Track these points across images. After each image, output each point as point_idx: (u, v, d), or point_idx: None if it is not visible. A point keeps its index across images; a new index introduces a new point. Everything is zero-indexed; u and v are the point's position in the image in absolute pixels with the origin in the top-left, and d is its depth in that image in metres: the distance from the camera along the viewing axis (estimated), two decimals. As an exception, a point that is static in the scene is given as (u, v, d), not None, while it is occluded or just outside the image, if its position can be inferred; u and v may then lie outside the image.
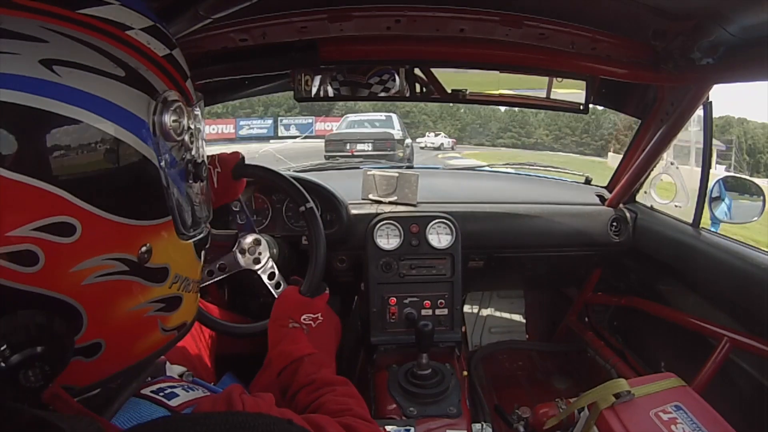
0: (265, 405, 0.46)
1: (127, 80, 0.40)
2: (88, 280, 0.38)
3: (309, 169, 1.84)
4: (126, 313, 0.42)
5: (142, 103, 0.41)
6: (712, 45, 1.00)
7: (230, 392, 0.46)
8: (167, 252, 0.45)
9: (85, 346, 0.40)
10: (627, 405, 0.93)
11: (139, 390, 0.45)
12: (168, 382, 0.48)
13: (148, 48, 0.43)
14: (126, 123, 0.39)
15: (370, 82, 1.23)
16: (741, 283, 1.12)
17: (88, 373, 0.41)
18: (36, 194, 0.34)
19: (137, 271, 0.42)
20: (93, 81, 0.38)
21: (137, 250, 0.41)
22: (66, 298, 0.37)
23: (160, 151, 0.43)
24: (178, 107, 0.44)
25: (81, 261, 0.37)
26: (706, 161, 1.28)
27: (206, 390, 0.52)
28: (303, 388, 0.71)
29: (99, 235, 0.38)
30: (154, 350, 0.48)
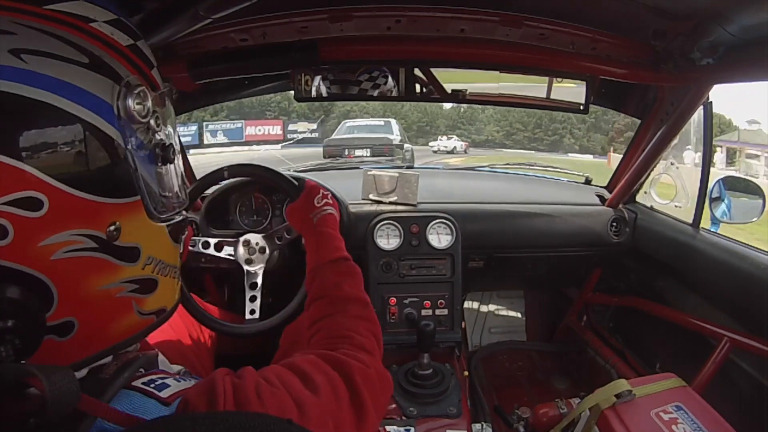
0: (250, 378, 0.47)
1: (90, 66, 0.42)
2: (57, 255, 0.39)
3: (309, 169, 1.84)
4: (97, 291, 0.43)
5: (106, 88, 0.43)
6: (712, 45, 0.99)
7: (214, 377, 0.46)
8: (138, 232, 0.46)
9: (57, 324, 0.41)
10: (628, 405, 0.93)
11: (131, 382, 0.45)
12: (160, 374, 0.48)
13: (111, 38, 0.46)
14: (91, 105, 0.42)
15: (360, 80, 1.23)
16: (741, 283, 1.12)
17: (63, 354, 0.42)
18: (5, 170, 0.36)
19: (106, 249, 0.43)
20: (59, 67, 0.40)
21: (105, 227, 0.43)
22: (35, 272, 0.38)
23: (126, 133, 0.45)
24: (141, 91, 0.46)
25: (49, 235, 0.39)
26: (706, 161, 1.28)
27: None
28: (315, 301, 0.73)
29: (66, 210, 0.40)
30: (131, 333, 0.49)
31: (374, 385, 0.58)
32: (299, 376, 0.51)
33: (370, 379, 0.58)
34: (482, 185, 1.82)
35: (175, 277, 0.55)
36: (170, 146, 0.52)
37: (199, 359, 1.03)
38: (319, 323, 0.70)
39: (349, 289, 0.75)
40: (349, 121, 10.48)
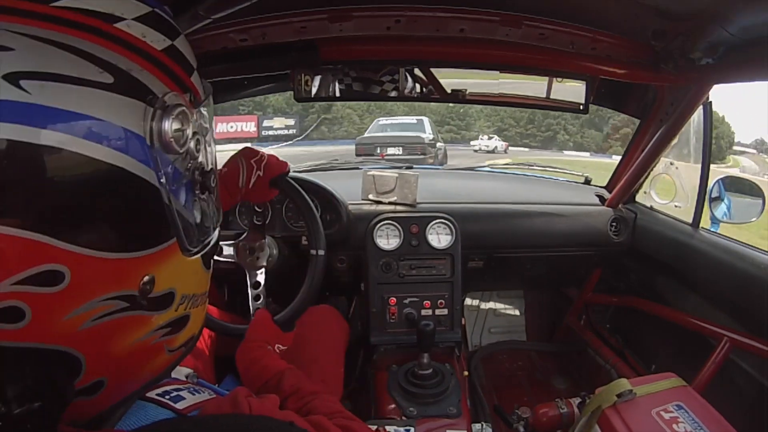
0: (270, 406, 0.46)
1: (116, 88, 0.33)
2: (84, 326, 0.34)
3: (309, 169, 1.84)
4: (129, 347, 0.38)
5: (136, 113, 0.35)
6: (712, 45, 1.00)
7: (236, 395, 0.45)
8: (172, 275, 0.40)
9: (86, 387, 0.36)
10: (629, 404, 0.93)
11: (145, 393, 0.44)
12: (174, 385, 0.47)
13: (143, 42, 0.36)
14: (116, 141, 0.33)
15: (382, 80, 1.22)
16: (741, 283, 1.12)
17: (90, 409, 0.39)
18: (12, 244, 0.29)
19: (139, 305, 0.37)
20: (72, 95, 0.31)
21: (138, 283, 0.36)
22: (61, 347, 0.33)
23: (160, 165, 0.36)
24: (180, 112, 0.38)
25: (74, 308, 0.33)
26: (706, 161, 1.28)
27: (212, 392, 0.52)
28: (290, 397, 0.72)
29: (91, 277, 0.33)
30: (159, 372, 0.44)
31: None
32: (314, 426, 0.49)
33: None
34: (482, 185, 1.82)
35: (203, 304, 0.49)
36: (211, 171, 0.44)
37: (200, 361, 1.03)
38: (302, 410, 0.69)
39: (310, 383, 0.75)
40: (382, 119, 10.07)
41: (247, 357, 0.85)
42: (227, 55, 1.11)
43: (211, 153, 0.45)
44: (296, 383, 0.73)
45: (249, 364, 0.83)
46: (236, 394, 0.45)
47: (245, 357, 0.85)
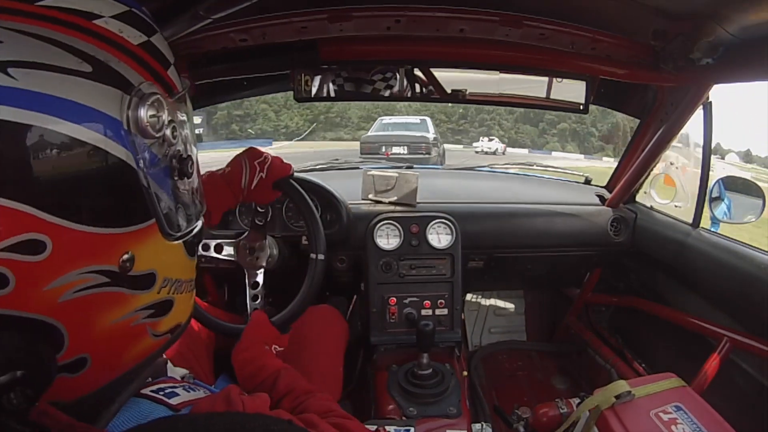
0: (263, 405, 0.46)
1: (94, 76, 0.36)
2: (65, 297, 0.35)
3: (309, 169, 1.84)
4: (110, 325, 0.40)
5: (113, 100, 0.38)
6: (711, 45, 0.99)
7: (229, 392, 0.46)
8: (153, 257, 0.42)
9: (68, 362, 0.38)
10: (627, 405, 0.93)
11: (140, 390, 0.44)
12: (169, 383, 0.48)
13: (120, 37, 0.40)
14: (95, 124, 0.36)
15: (374, 79, 1.23)
16: (741, 283, 1.12)
17: (75, 388, 0.40)
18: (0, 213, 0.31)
19: (120, 281, 0.39)
20: (55, 81, 0.34)
21: (118, 259, 0.38)
22: (43, 317, 0.35)
23: (138, 149, 0.39)
24: (155, 100, 0.40)
25: (55, 278, 0.34)
26: (706, 161, 1.28)
27: (207, 391, 0.52)
28: (285, 397, 0.72)
29: (72, 248, 0.35)
30: (145, 356, 0.46)
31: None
32: (308, 425, 0.50)
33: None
34: (482, 185, 1.82)
35: (190, 291, 0.51)
36: (188, 158, 0.46)
37: (197, 360, 1.03)
38: (296, 410, 0.69)
39: (305, 383, 0.76)
40: (385, 118, 9.85)
41: (242, 356, 0.85)
42: (227, 55, 1.11)
43: (189, 143, 0.48)
44: (291, 383, 0.74)
45: (244, 364, 0.84)
46: (229, 391, 0.46)
47: (241, 356, 0.86)
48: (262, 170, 0.99)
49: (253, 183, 0.98)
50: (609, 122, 20.21)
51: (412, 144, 7.88)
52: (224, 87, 1.39)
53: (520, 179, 1.97)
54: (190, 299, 0.52)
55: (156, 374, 0.50)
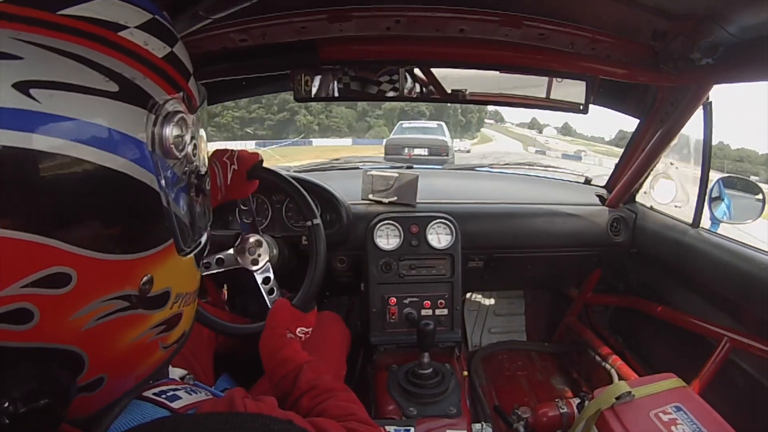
0: (267, 408, 0.46)
1: (121, 96, 0.34)
2: (88, 325, 0.35)
3: (309, 169, 1.84)
4: (128, 345, 0.40)
5: (138, 120, 0.36)
6: (711, 45, 0.99)
7: (232, 396, 0.45)
8: (169, 275, 0.42)
9: (87, 383, 0.37)
10: (627, 406, 0.93)
11: (141, 392, 0.44)
12: (170, 385, 0.48)
13: (145, 50, 0.37)
14: (120, 149, 0.34)
15: (380, 80, 1.23)
16: (741, 283, 1.12)
17: (90, 405, 0.40)
18: (23, 248, 0.30)
19: (139, 304, 0.39)
20: (80, 103, 0.32)
21: (138, 283, 0.38)
22: (66, 347, 0.34)
23: (160, 170, 0.38)
24: (180, 119, 0.39)
25: (80, 308, 0.34)
26: (706, 161, 1.27)
27: (208, 393, 0.52)
28: (305, 394, 0.71)
29: (96, 278, 0.34)
30: (155, 368, 0.46)
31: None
32: (318, 429, 0.49)
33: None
34: (482, 185, 1.82)
35: (194, 301, 0.51)
36: (206, 175, 0.46)
37: (197, 361, 1.03)
38: (315, 410, 0.68)
39: (330, 380, 0.73)
40: (405, 123, 11.02)
41: (269, 346, 0.84)
42: (227, 55, 1.12)
43: (204, 156, 0.46)
44: (313, 380, 0.72)
45: (270, 355, 0.82)
46: (233, 395, 0.46)
47: (267, 345, 0.84)
48: (232, 163, 0.99)
49: (228, 178, 0.99)
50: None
51: (433, 147, 8.62)
52: (224, 87, 1.39)
53: (520, 179, 1.97)
54: (194, 308, 0.52)
55: (157, 376, 0.50)
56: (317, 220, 1.06)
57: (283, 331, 0.87)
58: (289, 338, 0.86)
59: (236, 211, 1.42)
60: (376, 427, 0.62)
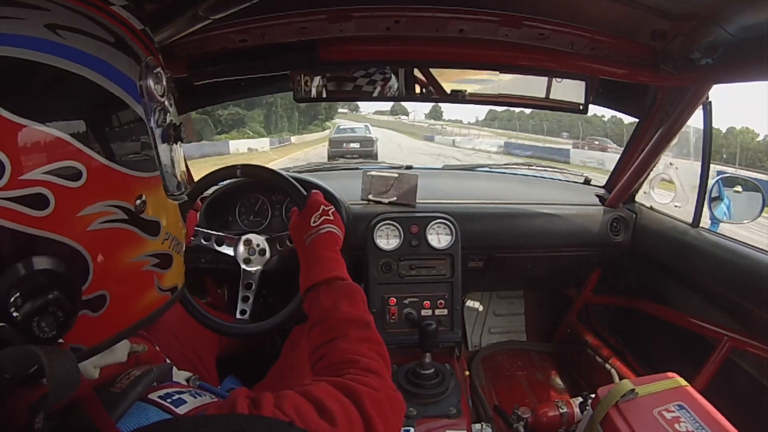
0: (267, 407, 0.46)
1: (117, 45, 0.44)
2: (93, 226, 0.40)
3: (309, 170, 1.84)
4: (127, 264, 0.45)
5: (131, 67, 0.45)
6: (711, 45, 1.00)
7: (235, 397, 0.45)
8: (158, 207, 0.48)
9: (91, 298, 0.42)
10: (631, 404, 0.93)
11: (146, 395, 0.44)
12: (175, 387, 0.47)
13: (128, 21, 0.47)
14: (121, 82, 0.43)
15: (355, 76, 1.22)
16: (741, 283, 1.12)
17: (94, 330, 0.43)
18: (48, 140, 0.37)
19: (134, 221, 0.45)
20: (92, 44, 0.41)
21: (134, 199, 0.44)
22: (74, 243, 0.39)
23: (148, 112, 0.47)
24: (158, 72, 0.48)
25: (87, 205, 0.40)
26: (706, 161, 1.28)
27: (213, 395, 0.51)
28: (315, 326, 0.70)
29: (102, 181, 0.41)
30: (152, 310, 0.50)
31: (385, 409, 0.56)
32: (315, 404, 0.49)
33: (380, 404, 0.55)
34: (481, 185, 1.82)
35: (182, 256, 0.56)
36: (180, 126, 0.53)
37: (202, 362, 1.03)
38: (321, 349, 0.67)
39: (347, 310, 0.71)
40: (341, 124, 15.61)
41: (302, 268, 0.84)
42: (227, 55, 1.11)
43: (175, 114, 0.55)
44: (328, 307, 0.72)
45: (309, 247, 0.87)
46: (235, 396, 0.46)
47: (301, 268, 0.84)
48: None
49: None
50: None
51: (362, 141, 12.98)
52: (224, 87, 1.39)
53: (519, 179, 1.97)
54: (182, 264, 0.57)
55: (162, 378, 0.49)
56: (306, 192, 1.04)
57: (301, 240, 0.89)
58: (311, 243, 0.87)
59: (236, 212, 1.43)
60: (380, 374, 0.61)
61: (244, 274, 1.11)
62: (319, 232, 0.89)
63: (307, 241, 0.87)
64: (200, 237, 1.11)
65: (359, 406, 0.53)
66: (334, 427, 0.48)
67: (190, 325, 1.03)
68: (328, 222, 0.91)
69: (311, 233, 0.88)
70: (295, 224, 0.94)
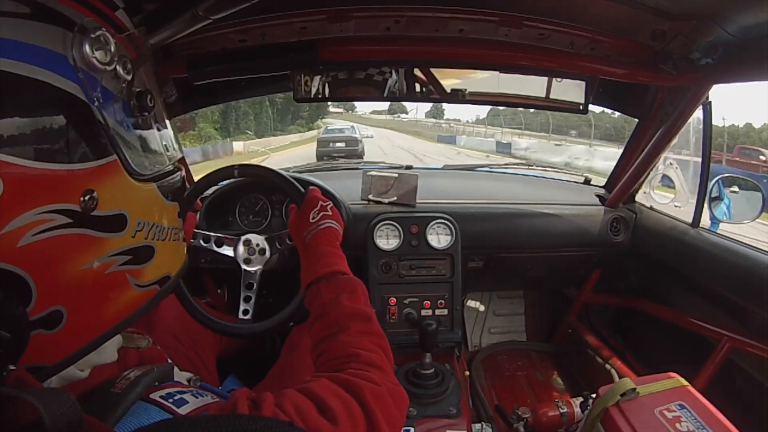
0: (268, 407, 0.46)
1: (32, 16, 0.37)
2: (23, 241, 0.34)
3: (309, 170, 1.84)
4: (81, 272, 0.38)
5: (55, 37, 0.38)
6: (711, 45, 1.00)
7: (237, 398, 0.45)
8: (120, 197, 0.41)
9: (42, 316, 0.36)
10: (632, 403, 0.93)
11: (148, 395, 0.43)
12: (177, 387, 0.47)
13: None
14: (38, 59, 0.36)
15: (370, 73, 1.22)
16: (741, 283, 1.12)
17: (56, 347, 0.38)
18: None
19: (84, 222, 0.38)
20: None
21: (77, 197, 0.37)
22: (4, 265, 0.33)
23: (88, 84, 0.39)
24: (101, 35, 0.41)
25: (10, 219, 0.33)
26: (706, 161, 1.28)
27: (215, 395, 0.51)
28: (316, 321, 0.69)
29: (26, 187, 0.34)
30: (131, 311, 0.44)
31: (387, 403, 0.55)
32: (315, 402, 0.49)
33: (382, 398, 0.54)
34: (482, 185, 1.82)
35: (177, 239, 0.50)
36: (146, 93, 0.46)
37: (203, 363, 1.03)
38: (323, 343, 0.66)
39: (348, 303, 0.69)
40: (329, 124, 16.55)
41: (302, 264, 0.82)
42: (227, 55, 1.11)
43: (147, 83, 0.48)
44: (328, 302, 0.70)
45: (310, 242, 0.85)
46: (237, 397, 0.45)
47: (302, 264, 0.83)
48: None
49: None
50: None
51: (348, 141, 13.69)
52: (224, 87, 1.39)
53: (519, 179, 1.97)
54: (178, 248, 0.51)
55: (163, 378, 0.49)
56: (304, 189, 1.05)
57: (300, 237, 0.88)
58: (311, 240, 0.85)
59: (236, 213, 1.43)
60: (381, 367, 0.60)
61: (245, 274, 1.10)
62: (318, 227, 0.88)
63: (307, 237, 0.87)
64: (200, 239, 1.11)
65: (361, 402, 0.52)
66: (336, 426, 0.47)
67: (192, 325, 1.03)
68: (327, 217, 0.90)
69: (311, 229, 0.88)
70: (294, 221, 0.93)
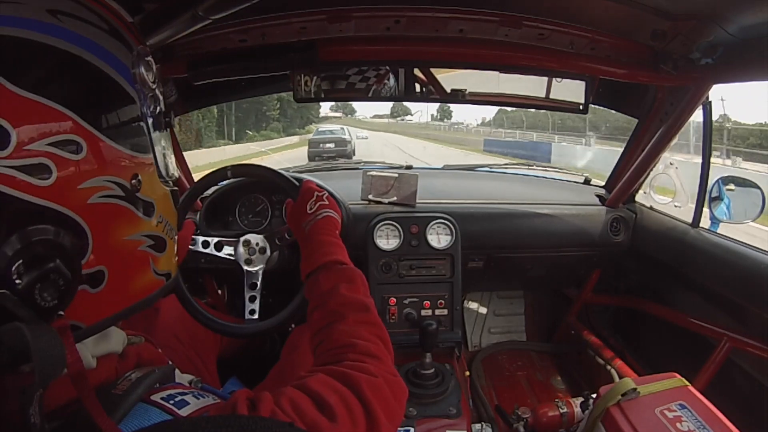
0: (266, 406, 0.46)
1: (111, 33, 0.46)
2: (92, 199, 0.42)
3: (309, 170, 1.84)
4: (123, 241, 0.46)
5: (124, 53, 0.47)
6: (711, 45, 1.00)
7: (236, 398, 0.45)
8: (152, 189, 0.50)
9: (90, 272, 0.42)
10: (632, 403, 0.93)
11: (149, 396, 0.44)
12: (178, 389, 0.47)
13: (119, 12, 0.50)
14: (116, 66, 0.46)
15: (348, 74, 1.22)
16: (741, 283, 1.12)
17: (93, 308, 0.44)
18: (51, 113, 0.39)
19: (131, 199, 0.46)
20: (90, 30, 0.44)
21: (129, 178, 0.46)
22: (74, 215, 0.40)
23: (141, 98, 0.49)
24: (149, 60, 0.50)
25: (87, 179, 0.41)
26: (706, 161, 1.28)
27: (216, 397, 0.51)
28: (314, 311, 0.69)
29: (101, 157, 0.43)
30: (148, 293, 0.50)
31: (384, 394, 0.54)
32: (313, 398, 0.49)
33: (379, 390, 0.54)
34: (481, 185, 1.82)
35: (175, 243, 0.57)
36: (169, 114, 0.55)
37: (204, 364, 1.03)
38: (320, 334, 0.66)
39: (346, 293, 0.69)
40: (320, 127, 18.03)
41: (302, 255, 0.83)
42: (227, 55, 1.11)
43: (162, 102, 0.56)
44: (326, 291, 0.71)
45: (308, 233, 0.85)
46: (236, 398, 0.45)
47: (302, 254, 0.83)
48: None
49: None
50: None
51: (337, 141, 14.11)
52: (224, 87, 1.39)
53: (519, 179, 1.97)
54: (175, 252, 0.58)
55: (164, 380, 0.49)
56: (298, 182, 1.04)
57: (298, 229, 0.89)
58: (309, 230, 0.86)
59: (236, 213, 1.43)
60: (379, 357, 0.60)
61: (247, 274, 1.10)
62: (316, 217, 0.87)
63: (306, 228, 0.87)
64: (199, 243, 1.11)
65: (358, 395, 0.52)
66: (334, 422, 0.48)
67: (192, 326, 1.03)
68: (324, 207, 0.90)
69: (309, 220, 0.88)
70: (292, 214, 0.93)
